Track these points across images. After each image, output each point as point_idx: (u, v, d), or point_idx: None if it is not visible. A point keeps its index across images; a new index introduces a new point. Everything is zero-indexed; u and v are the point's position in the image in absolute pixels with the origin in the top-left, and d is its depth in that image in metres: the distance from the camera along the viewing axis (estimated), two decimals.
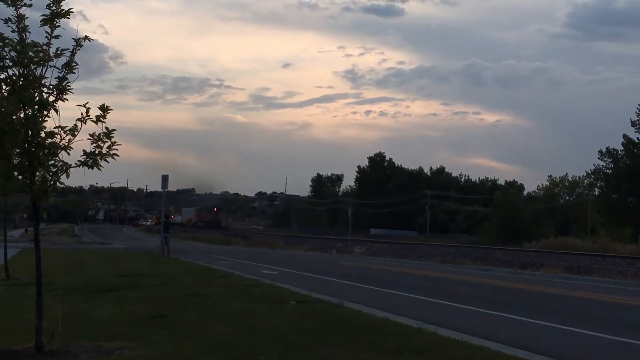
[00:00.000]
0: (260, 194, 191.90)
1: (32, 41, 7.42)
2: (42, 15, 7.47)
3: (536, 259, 32.81)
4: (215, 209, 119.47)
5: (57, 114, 7.48)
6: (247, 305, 12.33)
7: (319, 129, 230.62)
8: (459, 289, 18.90)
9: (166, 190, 36.88)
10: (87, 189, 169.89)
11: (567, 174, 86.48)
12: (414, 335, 9.20)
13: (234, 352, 7.85)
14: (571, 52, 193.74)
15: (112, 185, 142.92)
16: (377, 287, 18.28)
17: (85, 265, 23.51)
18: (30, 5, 7.51)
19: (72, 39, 7.61)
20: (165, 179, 35.07)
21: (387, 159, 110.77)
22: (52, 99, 7.48)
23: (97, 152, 7.56)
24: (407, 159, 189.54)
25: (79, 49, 7.64)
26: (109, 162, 7.64)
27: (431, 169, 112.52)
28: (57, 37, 7.54)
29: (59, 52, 7.53)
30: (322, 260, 35.31)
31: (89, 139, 7.55)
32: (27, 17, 7.47)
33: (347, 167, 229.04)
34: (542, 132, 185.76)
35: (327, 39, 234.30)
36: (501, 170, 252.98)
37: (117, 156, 7.63)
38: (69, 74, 7.58)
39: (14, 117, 7.33)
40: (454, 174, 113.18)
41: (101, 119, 7.56)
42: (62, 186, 7.85)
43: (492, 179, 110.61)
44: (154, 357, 7.49)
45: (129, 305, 11.98)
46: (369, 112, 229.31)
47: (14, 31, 7.41)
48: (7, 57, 7.34)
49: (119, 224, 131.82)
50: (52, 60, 7.48)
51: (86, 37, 7.68)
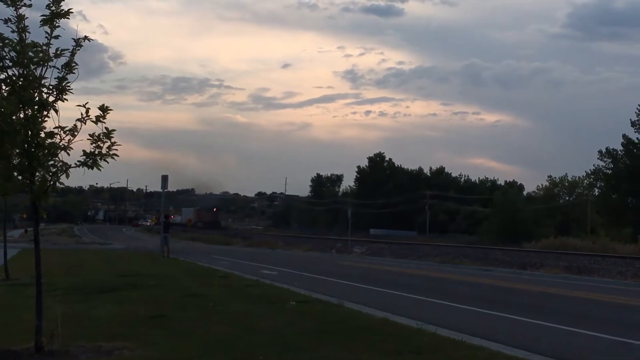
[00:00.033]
0: (260, 194, 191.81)
1: (32, 41, 7.43)
2: (42, 15, 7.48)
3: (536, 259, 32.82)
4: (214, 209, 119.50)
5: (56, 114, 7.50)
6: (246, 305, 12.34)
7: (319, 129, 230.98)
8: (459, 289, 18.91)
9: (166, 190, 36.90)
10: (86, 189, 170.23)
11: (566, 174, 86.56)
12: (414, 335, 9.21)
13: (234, 352, 7.85)
14: (571, 52, 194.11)
15: (111, 185, 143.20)
16: (377, 287, 18.29)
17: (84, 265, 23.52)
18: (30, 5, 7.52)
19: (72, 39, 7.63)
20: (164, 179, 35.07)
21: (387, 159, 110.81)
22: (51, 99, 7.48)
23: (96, 152, 7.58)
24: (406, 159, 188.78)
25: (78, 49, 7.65)
26: (108, 163, 7.66)
27: (431, 169, 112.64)
28: (56, 37, 7.55)
29: (58, 52, 7.53)
30: (322, 260, 35.32)
31: (88, 139, 7.57)
32: (27, 18, 7.49)
33: (346, 167, 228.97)
34: (541, 132, 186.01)
35: (326, 39, 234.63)
36: (501, 170, 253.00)
37: (117, 156, 7.65)
38: (69, 74, 7.59)
39: (14, 117, 7.34)
40: (454, 174, 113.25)
41: (101, 119, 7.57)
42: (62, 186, 7.86)
43: (492, 179, 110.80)
44: (154, 357, 7.49)
45: (129, 305, 11.98)
46: (368, 112, 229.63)
47: (13, 31, 7.42)
48: (7, 57, 7.35)
49: (119, 224, 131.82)
50: (52, 60, 7.50)
51: (86, 38, 7.69)
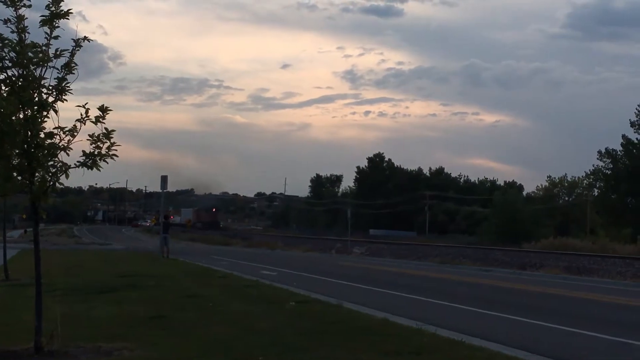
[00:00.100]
0: (259, 195, 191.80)
1: (32, 42, 7.43)
2: (42, 16, 7.48)
3: (535, 260, 32.82)
4: (214, 210, 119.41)
5: (56, 114, 7.50)
6: (246, 305, 12.34)
7: (318, 129, 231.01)
8: (458, 290, 18.92)
9: (165, 191, 36.90)
10: (86, 189, 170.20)
11: (566, 174, 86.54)
12: (414, 335, 9.20)
13: (233, 352, 7.85)
14: (571, 52, 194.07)
15: (111, 185, 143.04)
16: (377, 288, 18.29)
17: (84, 266, 23.51)
18: (29, 6, 7.52)
19: (72, 39, 7.64)
20: (164, 179, 35.08)
21: (386, 159, 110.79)
22: (51, 99, 7.48)
23: (96, 152, 7.58)
24: (406, 160, 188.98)
25: (78, 50, 7.65)
26: (108, 163, 7.66)
27: (430, 169, 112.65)
28: (56, 37, 7.55)
29: (58, 52, 7.53)
30: (322, 260, 35.32)
31: (88, 140, 7.57)
32: (27, 18, 7.49)
33: (346, 167, 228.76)
34: (541, 132, 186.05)
35: (326, 40, 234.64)
36: (500, 170, 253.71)
37: (117, 157, 7.65)
38: (68, 74, 7.59)
39: (14, 117, 7.34)
40: (453, 175, 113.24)
41: (100, 119, 7.58)
42: (62, 187, 7.86)
43: (491, 179, 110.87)
44: (153, 358, 7.49)
45: (128, 306, 11.98)
46: (368, 112, 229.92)
47: (13, 32, 7.42)
48: (6, 57, 7.34)
49: (118, 224, 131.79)
50: (52, 60, 7.50)
51: (85, 38, 7.70)
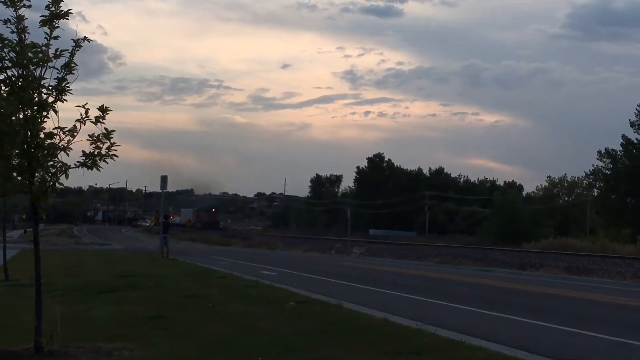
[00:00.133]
0: (259, 195, 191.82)
1: (32, 42, 7.42)
2: (41, 16, 7.47)
3: (535, 260, 32.81)
4: (213, 210, 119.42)
5: (56, 114, 7.49)
6: (246, 306, 12.34)
7: (318, 129, 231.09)
8: (458, 290, 18.92)
9: (165, 191, 36.88)
10: (86, 189, 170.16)
11: (566, 174, 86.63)
12: (413, 336, 9.20)
13: (233, 352, 7.85)
14: (570, 52, 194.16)
15: (111, 186, 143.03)
16: (376, 288, 18.29)
17: (84, 266, 23.50)
18: (29, 6, 7.51)
19: (71, 39, 7.63)
20: (164, 179, 35.07)
21: (386, 159, 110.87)
22: (51, 99, 7.48)
23: (96, 152, 7.58)
24: (406, 160, 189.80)
25: (78, 50, 7.65)
26: (108, 163, 7.66)
27: (430, 169, 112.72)
28: (56, 38, 7.55)
29: (58, 53, 7.53)
30: (321, 261, 35.32)
31: (88, 140, 7.57)
32: (27, 18, 7.49)
33: (346, 167, 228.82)
34: (541, 132, 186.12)
35: (326, 40, 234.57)
36: (500, 170, 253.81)
37: (116, 157, 7.65)
38: (68, 74, 7.59)
39: (13, 118, 7.34)
40: (453, 175, 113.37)
41: (100, 119, 7.57)
42: (61, 187, 7.85)
43: (491, 179, 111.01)
44: (153, 358, 7.49)
45: (128, 306, 11.98)
46: (368, 112, 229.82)
47: (13, 32, 7.42)
48: (6, 57, 7.34)
49: (118, 224, 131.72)
50: (51, 61, 7.49)
51: (85, 38, 7.69)
